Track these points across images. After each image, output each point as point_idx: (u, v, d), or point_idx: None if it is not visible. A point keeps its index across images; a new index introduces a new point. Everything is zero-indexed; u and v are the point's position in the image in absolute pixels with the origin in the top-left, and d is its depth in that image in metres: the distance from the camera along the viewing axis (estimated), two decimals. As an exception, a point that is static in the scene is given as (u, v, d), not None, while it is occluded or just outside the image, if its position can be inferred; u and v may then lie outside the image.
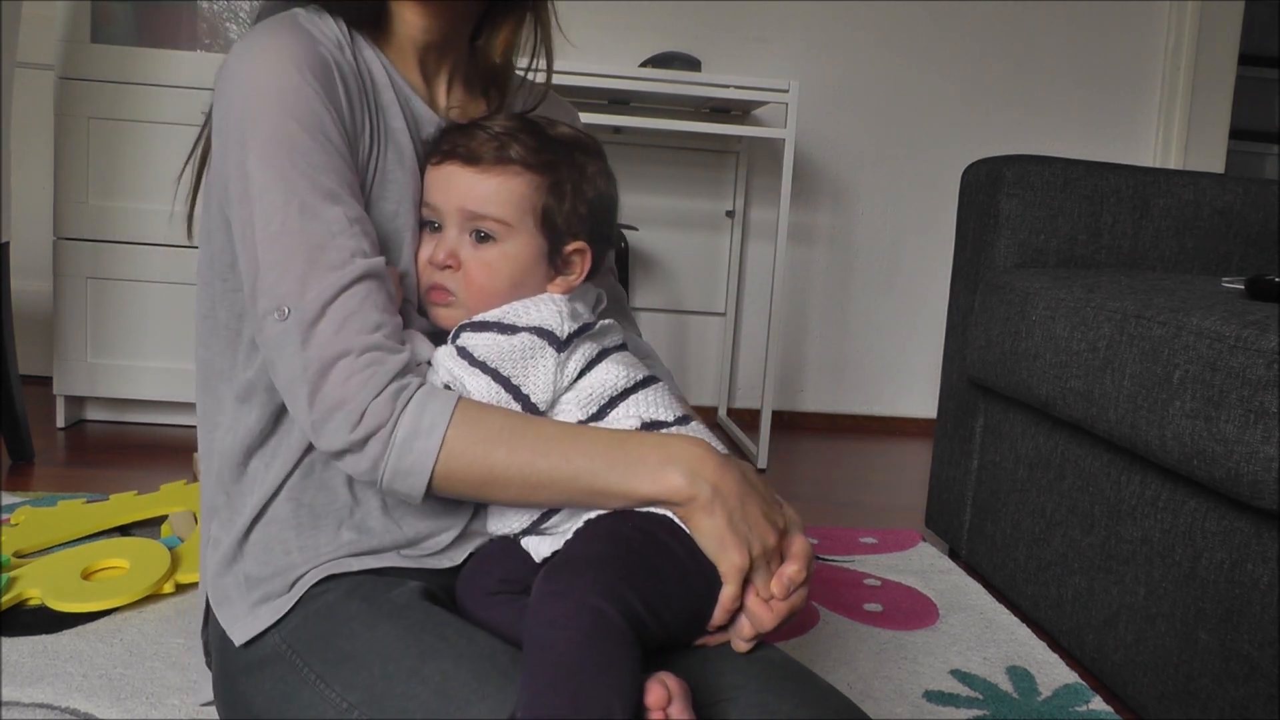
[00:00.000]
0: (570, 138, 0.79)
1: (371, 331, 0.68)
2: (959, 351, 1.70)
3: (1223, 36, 2.76)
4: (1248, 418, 0.97)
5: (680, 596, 0.66)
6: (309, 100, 0.70)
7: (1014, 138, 2.76)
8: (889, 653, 1.31)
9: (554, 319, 0.74)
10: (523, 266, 0.76)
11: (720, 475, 0.68)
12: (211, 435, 0.81)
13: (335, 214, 0.69)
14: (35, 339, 2.42)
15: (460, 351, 0.73)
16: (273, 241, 0.68)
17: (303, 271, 0.67)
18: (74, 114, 2.04)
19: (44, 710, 1.02)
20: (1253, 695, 0.99)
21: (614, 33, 2.59)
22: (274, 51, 0.70)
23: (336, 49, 0.74)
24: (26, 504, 1.60)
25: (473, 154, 0.75)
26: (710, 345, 2.76)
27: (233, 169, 0.70)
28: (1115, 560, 1.24)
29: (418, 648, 0.65)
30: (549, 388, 0.72)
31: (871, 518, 1.95)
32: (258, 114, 0.69)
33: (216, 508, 0.79)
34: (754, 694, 0.65)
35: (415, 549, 0.76)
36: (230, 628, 0.74)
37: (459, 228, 0.76)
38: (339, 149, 0.71)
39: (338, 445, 0.67)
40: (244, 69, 0.71)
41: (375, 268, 0.70)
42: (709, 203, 2.68)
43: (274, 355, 0.69)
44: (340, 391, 0.66)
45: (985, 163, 1.65)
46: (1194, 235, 1.61)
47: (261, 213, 0.68)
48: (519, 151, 0.75)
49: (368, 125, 0.75)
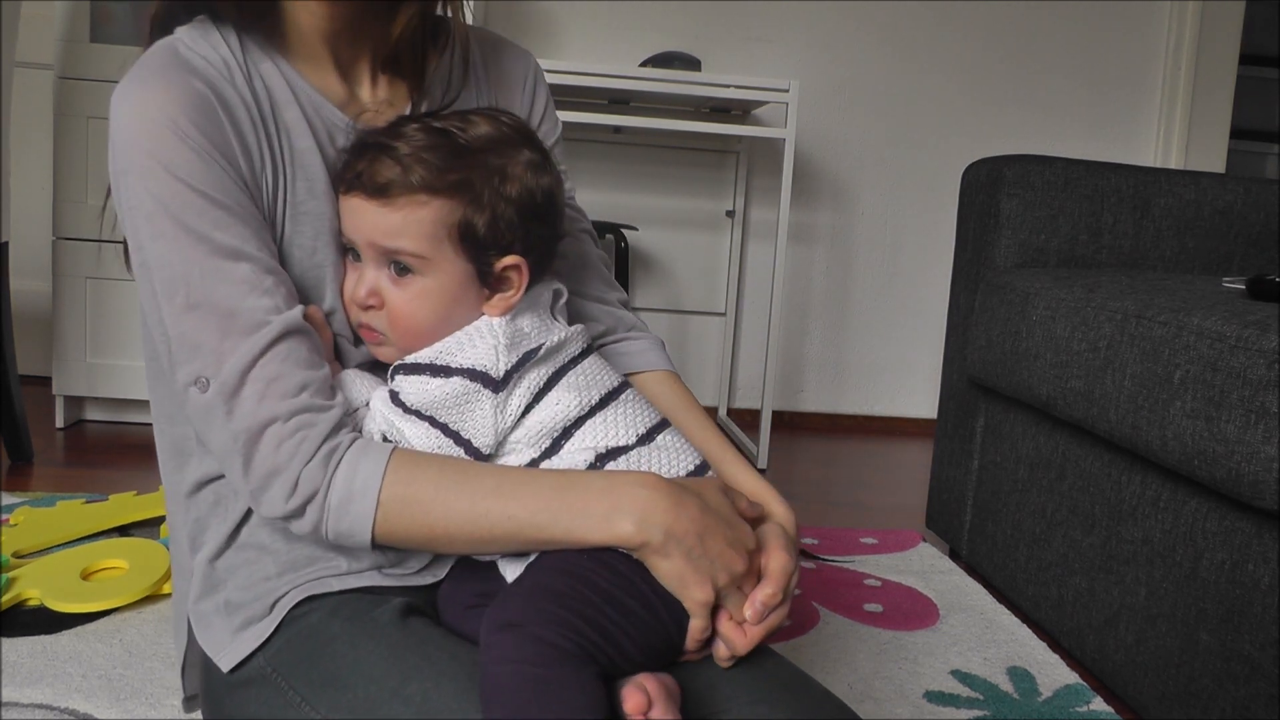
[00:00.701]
0: (485, 139, 0.71)
1: (296, 394, 0.65)
2: (959, 351, 1.70)
3: (1223, 36, 2.76)
4: (1248, 418, 0.97)
5: (645, 627, 0.64)
6: (189, 156, 0.65)
7: (1014, 137, 2.76)
8: (889, 653, 1.30)
9: (488, 357, 0.69)
10: (449, 297, 0.70)
11: (673, 516, 0.64)
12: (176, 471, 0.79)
13: (241, 272, 0.66)
14: (35, 339, 2.42)
15: (394, 397, 0.70)
16: (179, 316, 0.65)
17: (216, 342, 0.65)
18: (74, 114, 2.04)
19: (43, 710, 1.02)
20: (1254, 696, 0.99)
21: (614, 33, 2.59)
22: (147, 108, 0.65)
23: (223, 78, 0.69)
24: (26, 504, 1.59)
25: (376, 185, 0.68)
26: (710, 345, 2.76)
27: (130, 241, 0.67)
28: (1116, 561, 1.23)
29: (400, 667, 0.64)
30: (490, 432, 0.69)
31: (871, 518, 1.95)
32: (137, 184, 0.65)
33: (191, 536, 0.78)
34: (746, 706, 0.64)
35: (396, 568, 0.74)
36: (215, 654, 0.73)
37: (376, 262, 0.71)
38: (235, 199, 0.67)
39: (277, 513, 0.65)
40: (118, 131, 0.66)
41: (292, 323, 0.66)
42: (709, 203, 2.68)
43: (201, 427, 0.67)
44: (272, 460, 0.64)
45: (985, 162, 1.65)
46: (1194, 235, 1.61)
47: (163, 287, 0.65)
48: (422, 175, 0.68)
49: (269, 157, 0.70)
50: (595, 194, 2.61)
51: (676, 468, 0.73)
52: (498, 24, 2.54)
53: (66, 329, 2.10)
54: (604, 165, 2.61)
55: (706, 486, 0.69)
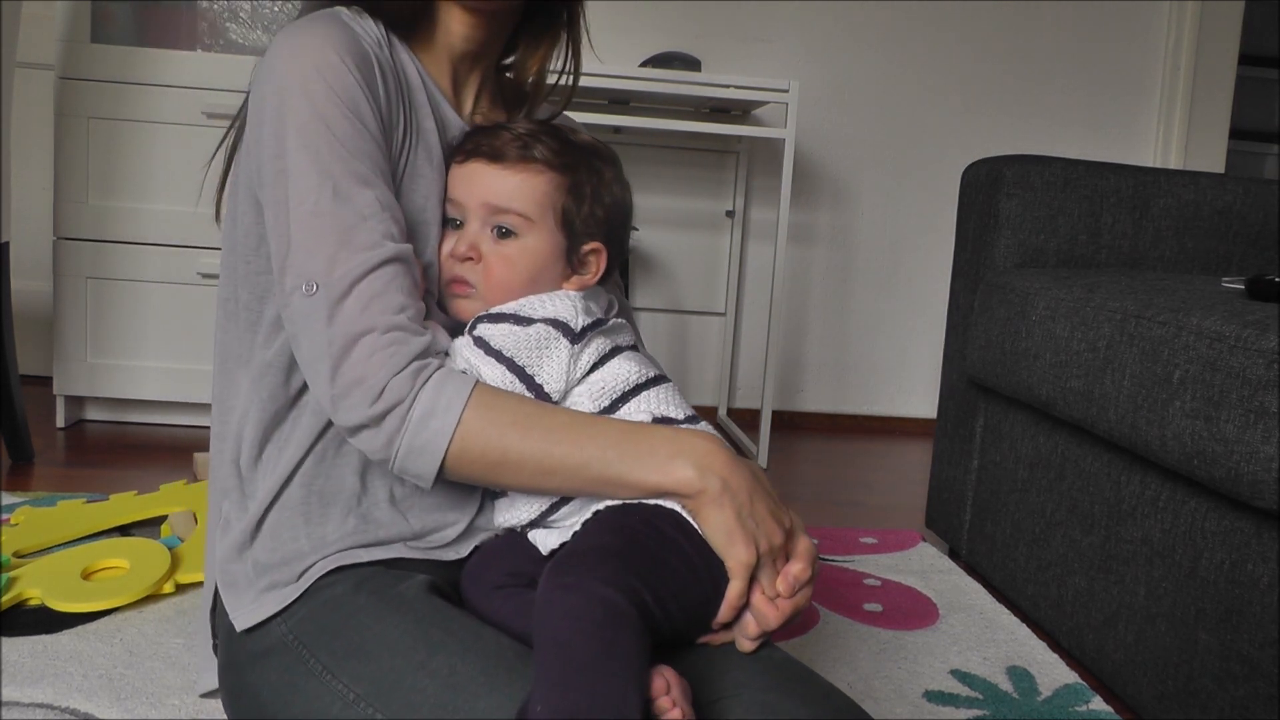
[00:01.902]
0: (590, 144, 0.82)
1: (396, 312, 0.69)
2: (959, 351, 1.70)
3: (1223, 36, 2.76)
4: (1248, 418, 0.97)
5: (687, 591, 0.66)
6: (349, 86, 0.71)
7: (1014, 138, 2.76)
8: (889, 653, 1.31)
9: (569, 312, 0.75)
10: (541, 262, 0.77)
11: (730, 471, 0.69)
12: (226, 420, 0.82)
13: (367, 198, 0.70)
14: (35, 339, 2.42)
15: (477, 341, 0.74)
16: (305, 220, 0.69)
17: (333, 250, 0.69)
18: (74, 114, 2.04)
19: (44, 710, 1.02)
20: (1253, 695, 0.99)
21: (614, 33, 2.59)
22: (317, 39, 0.72)
23: (376, 46, 0.76)
24: (26, 504, 1.60)
25: (497, 152, 0.77)
26: (710, 345, 2.76)
27: (269, 149, 0.71)
28: (1115, 560, 1.23)
29: (425, 641, 0.65)
30: (562, 377, 0.74)
31: (871, 518, 1.95)
32: (298, 96, 0.70)
33: (228, 490, 0.80)
34: (757, 693, 0.65)
35: (422, 541, 0.76)
36: (235, 613, 0.75)
37: (481, 222, 0.77)
38: (374, 136, 0.72)
39: (355, 420, 0.68)
40: (285, 54, 0.72)
41: (403, 252, 0.71)
42: (709, 203, 2.68)
43: (299, 330, 0.70)
44: (362, 368, 0.67)
45: (985, 163, 1.65)
46: (1194, 235, 1.61)
47: (296, 192, 0.70)
48: (542, 151, 0.77)
49: (402, 120, 0.77)
50: (595, 194, 2.61)
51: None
52: (498, 24, 2.54)
53: (67, 329, 2.10)
54: (604, 165, 2.61)
55: (755, 465, 0.74)
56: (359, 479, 0.77)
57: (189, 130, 2.06)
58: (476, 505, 0.79)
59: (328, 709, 0.66)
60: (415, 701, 0.63)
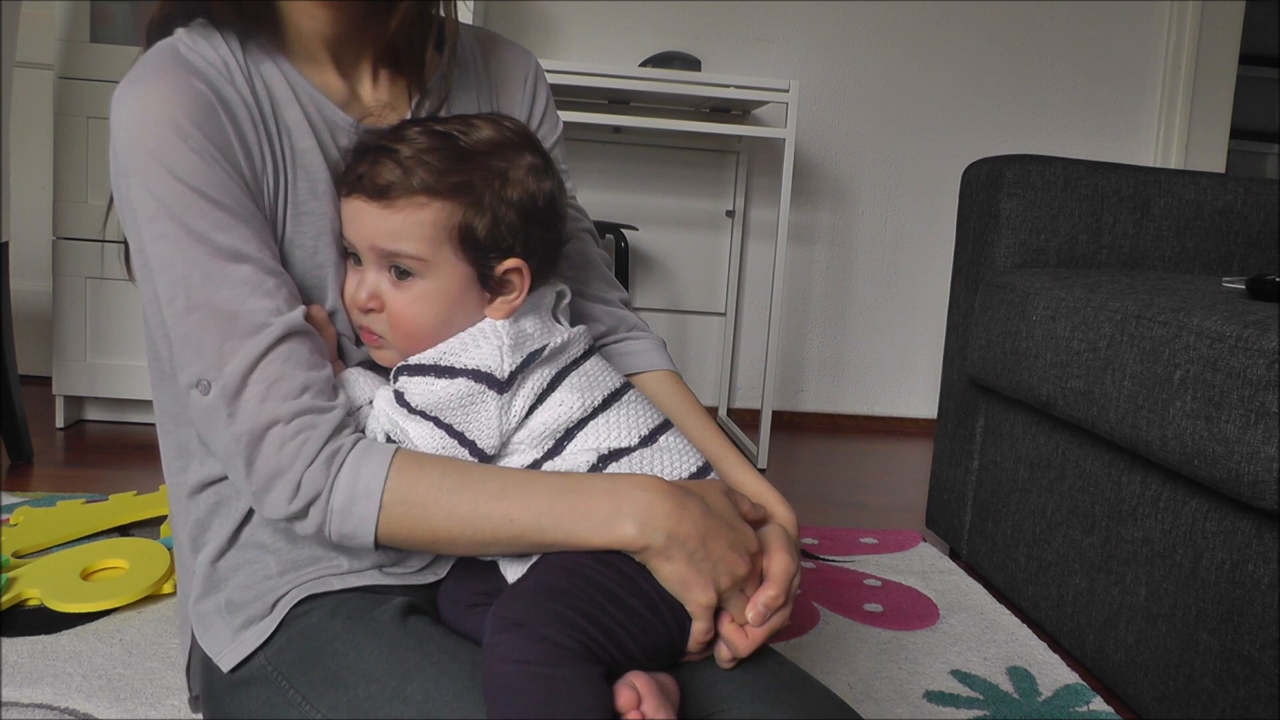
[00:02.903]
0: (487, 143, 0.71)
1: (298, 395, 0.65)
2: (959, 351, 1.70)
3: (1223, 36, 2.76)
4: (1248, 418, 0.97)
5: (648, 630, 0.65)
6: (190, 156, 0.65)
7: (1014, 137, 2.76)
8: (889, 653, 1.31)
9: (493, 358, 0.69)
10: (449, 300, 0.70)
11: (676, 520, 0.64)
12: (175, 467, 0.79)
13: (242, 274, 0.65)
14: (35, 339, 2.42)
15: (398, 398, 0.70)
16: (180, 318, 0.65)
17: (217, 344, 0.65)
18: (74, 114, 2.04)
19: (43, 710, 1.02)
20: (1254, 696, 0.99)
21: (614, 33, 2.59)
22: (148, 108, 0.65)
23: (224, 79, 0.69)
24: (26, 504, 1.59)
25: (377, 187, 0.68)
26: (710, 345, 2.76)
27: (131, 241, 0.67)
28: (1116, 560, 1.23)
29: (400, 667, 0.64)
30: (495, 432, 0.69)
31: (871, 518, 1.95)
32: (138, 184, 0.65)
33: (193, 537, 0.78)
34: (746, 705, 0.65)
35: (397, 566, 0.74)
36: (216, 654, 0.73)
37: (377, 265, 0.70)
38: (236, 199, 0.67)
39: (280, 515, 0.66)
40: (119, 131, 0.66)
41: (293, 324, 0.66)
42: (709, 203, 2.68)
43: (204, 429, 0.67)
44: (275, 462, 0.64)
45: (986, 162, 1.65)
46: (1194, 235, 1.61)
47: (165, 289, 0.66)
48: (423, 178, 0.68)
49: (270, 157, 0.70)
50: (595, 194, 2.61)
51: (679, 469, 0.73)
52: (498, 24, 2.54)
53: (66, 329, 2.10)
54: (604, 165, 2.61)
55: (709, 489, 0.69)
56: None
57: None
58: None
59: None
60: None
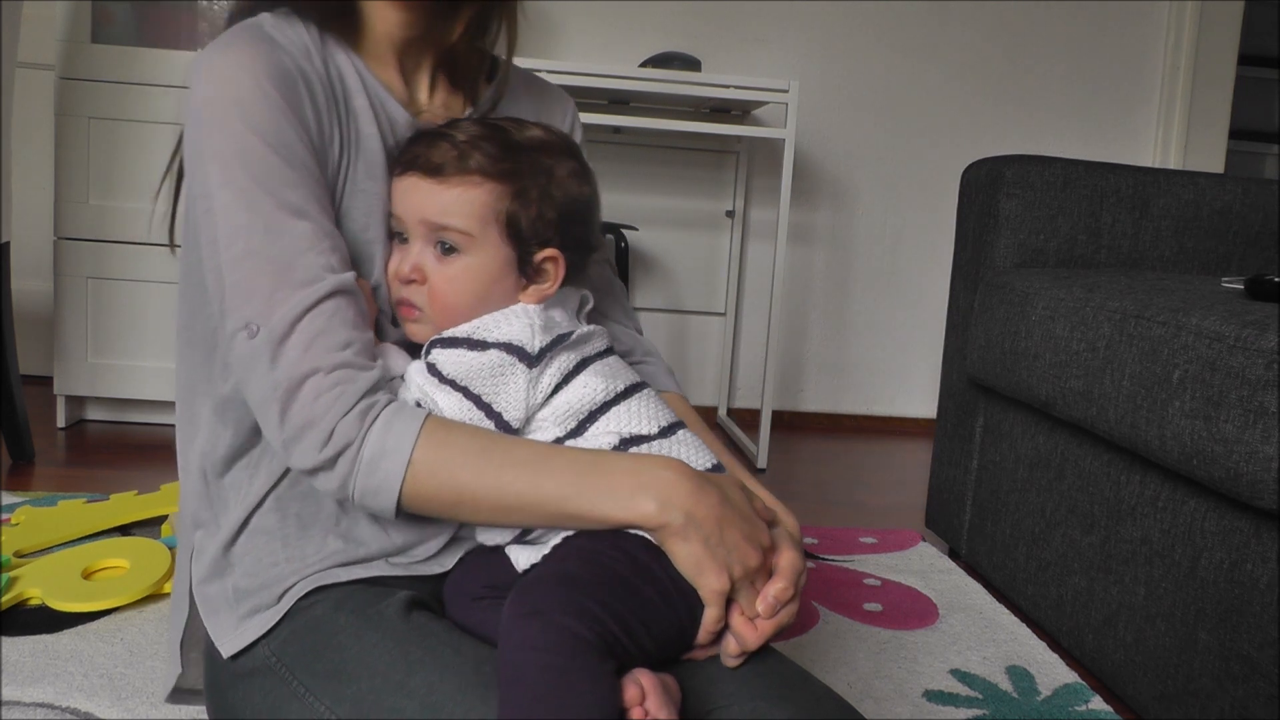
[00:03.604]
0: (537, 141, 0.76)
1: (340, 349, 0.67)
2: (959, 351, 1.70)
3: (1223, 36, 2.76)
4: (1247, 418, 0.97)
5: (660, 616, 0.65)
6: (269, 113, 0.68)
7: (1014, 137, 2.76)
8: (889, 652, 1.31)
9: (524, 334, 0.72)
10: (489, 278, 0.74)
11: (695, 501, 0.66)
12: (190, 447, 0.80)
13: (302, 229, 0.68)
14: (35, 339, 2.42)
15: (430, 368, 0.72)
16: (238, 262, 0.67)
17: (269, 290, 0.66)
18: (74, 114, 2.04)
19: (44, 710, 1.02)
20: (1252, 695, 0.99)
21: (614, 33, 2.59)
22: (232, 65, 0.69)
23: (304, 57, 0.73)
24: (26, 504, 1.60)
25: (432, 165, 0.73)
26: (710, 345, 2.76)
27: (196, 189, 0.69)
28: (1115, 560, 1.24)
29: (404, 660, 0.65)
30: (522, 405, 0.71)
31: (871, 518, 1.95)
32: (216, 131, 0.68)
33: (201, 520, 0.79)
34: (747, 702, 0.65)
35: (404, 556, 0.75)
36: (219, 640, 0.73)
37: (423, 240, 0.74)
38: (304, 162, 0.70)
39: (308, 464, 0.66)
40: (203, 85, 0.69)
41: (344, 283, 0.69)
42: (709, 203, 2.68)
43: (244, 374, 0.68)
44: (309, 410, 0.65)
45: (985, 162, 1.65)
46: (1194, 235, 1.61)
47: (225, 233, 0.67)
48: (479, 160, 0.72)
49: (337, 135, 0.74)
50: (595, 194, 2.61)
51: (695, 464, 0.74)
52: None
53: (67, 329, 2.10)
54: (604, 165, 2.61)
55: (726, 482, 0.71)
56: (337, 500, 0.75)
57: (189, 130, 2.06)
58: None
59: None
60: None
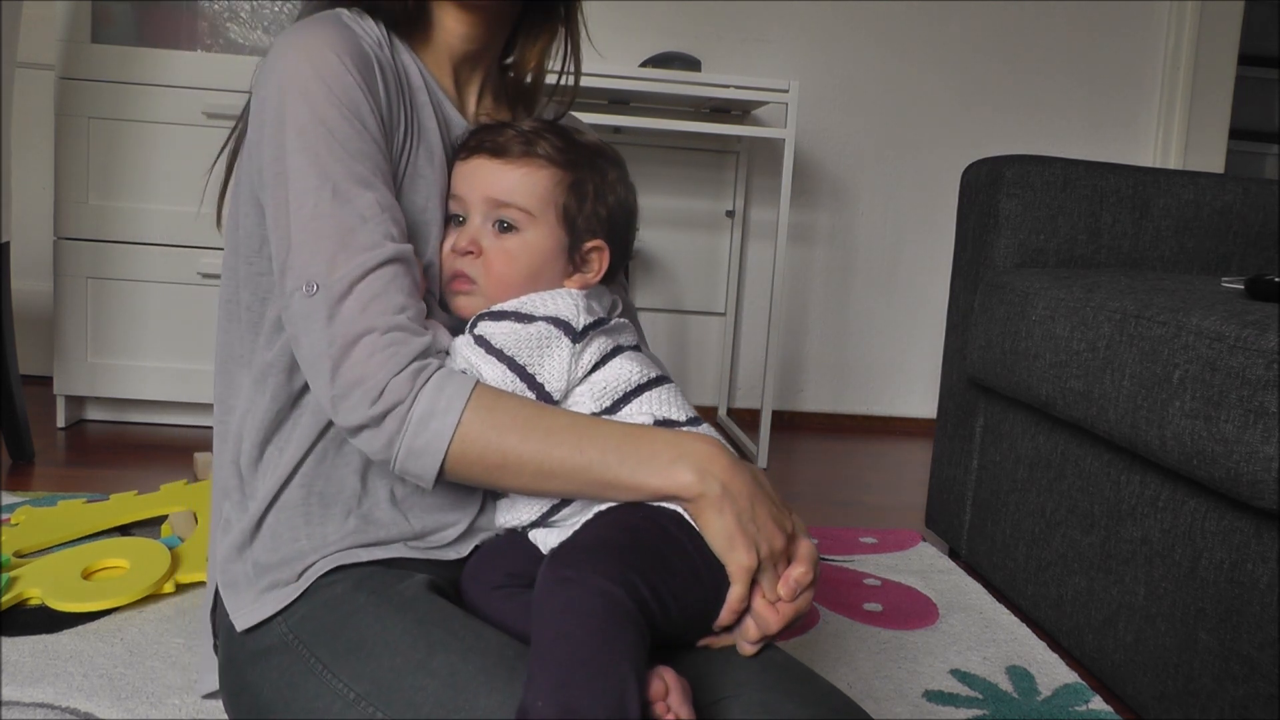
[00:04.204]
0: (594, 144, 0.82)
1: (396, 312, 0.69)
2: (959, 351, 1.70)
3: (1223, 36, 2.76)
4: (1247, 418, 0.97)
5: (688, 591, 0.66)
6: (348, 87, 0.72)
7: (1014, 137, 2.76)
8: (889, 652, 1.31)
9: (570, 310, 0.75)
10: (542, 258, 0.78)
11: (731, 475, 0.69)
12: (227, 419, 0.82)
13: (368, 199, 0.71)
14: (35, 339, 2.42)
15: (477, 340, 0.74)
16: (305, 223, 0.70)
17: (332, 252, 0.69)
18: (74, 114, 2.04)
19: (44, 710, 1.02)
20: (1253, 695, 0.99)
21: (614, 33, 2.59)
22: (317, 40, 0.72)
23: (377, 46, 0.77)
24: (26, 504, 1.60)
25: (500, 147, 0.77)
26: (710, 345, 2.76)
27: (270, 152, 0.72)
28: (1115, 560, 1.24)
29: (425, 640, 0.65)
30: (563, 377, 0.73)
31: (871, 518, 1.95)
32: (297, 99, 0.71)
33: (229, 491, 0.81)
34: (756, 693, 0.66)
35: (423, 541, 0.76)
36: (235, 613, 0.75)
37: (483, 217, 0.78)
38: (374, 137, 0.73)
39: (356, 420, 0.68)
40: (285, 57, 0.72)
41: (403, 253, 0.71)
42: (709, 203, 2.68)
43: (299, 331, 0.70)
44: (362, 368, 0.67)
45: (985, 162, 1.65)
46: (1194, 235, 1.61)
47: (296, 195, 0.70)
48: (545, 148, 0.78)
49: (403, 120, 0.77)
50: (595, 194, 2.61)
51: None
52: (498, 24, 2.54)
53: (67, 329, 2.10)
54: (604, 165, 2.61)
55: (756, 468, 0.74)
56: (360, 479, 0.77)
57: (189, 130, 2.06)
58: (478, 505, 0.79)
59: (328, 708, 0.66)
60: (416, 701, 0.63)
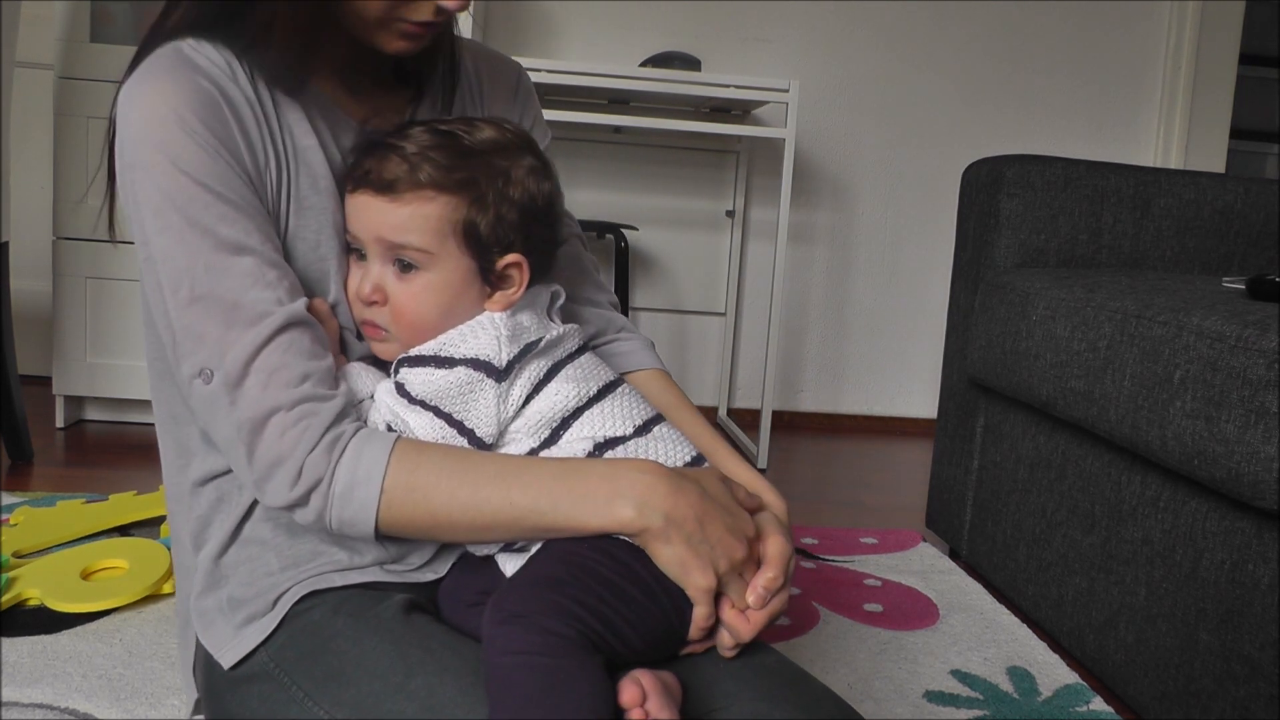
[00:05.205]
0: (490, 142, 0.73)
1: (299, 384, 0.66)
2: (959, 351, 1.70)
3: (1223, 36, 2.76)
4: (1248, 418, 0.97)
5: (647, 615, 0.65)
6: (195, 149, 0.67)
7: (1014, 137, 2.76)
8: (889, 653, 1.31)
9: (491, 348, 0.71)
10: (452, 293, 0.72)
11: (673, 501, 0.65)
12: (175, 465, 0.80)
13: (244, 265, 0.67)
14: (35, 339, 2.42)
15: (399, 389, 0.71)
16: (184, 309, 0.66)
17: (219, 333, 0.66)
18: (74, 114, 2.04)
19: (44, 710, 1.02)
20: (1253, 696, 0.99)
21: (614, 33, 2.59)
22: (151, 103, 0.67)
23: (226, 78, 0.70)
24: (26, 504, 1.59)
25: (384, 181, 0.70)
26: (710, 345, 2.76)
27: (135, 234, 0.68)
28: (1116, 560, 1.23)
29: (403, 663, 0.65)
30: (493, 421, 0.70)
31: (871, 518, 1.95)
32: (143, 176, 0.67)
33: (194, 534, 0.78)
34: (747, 702, 0.65)
35: (398, 564, 0.75)
36: (217, 651, 0.73)
37: (381, 258, 0.72)
38: (239, 193, 0.68)
39: (282, 502, 0.66)
40: (126, 127, 0.68)
41: (295, 315, 0.67)
42: (709, 203, 2.68)
43: (206, 418, 0.68)
44: (276, 449, 0.65)
45: (986, 162, 1.65)
46: (1194, 235, 1.61)
47: (169, 281, 0.67)
48: (430, 173, 0.70)
49: (273, 154, 0.71)
50: (595, 194, 2.61)
51: (673, 459, 0.74)
52: (498, 24, 2.54)
53: (66, 329, 2.10)
54: (604, 165, 2.61)
55: (705, 476, 0.71)
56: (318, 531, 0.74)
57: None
58: None
59: None
60: None
